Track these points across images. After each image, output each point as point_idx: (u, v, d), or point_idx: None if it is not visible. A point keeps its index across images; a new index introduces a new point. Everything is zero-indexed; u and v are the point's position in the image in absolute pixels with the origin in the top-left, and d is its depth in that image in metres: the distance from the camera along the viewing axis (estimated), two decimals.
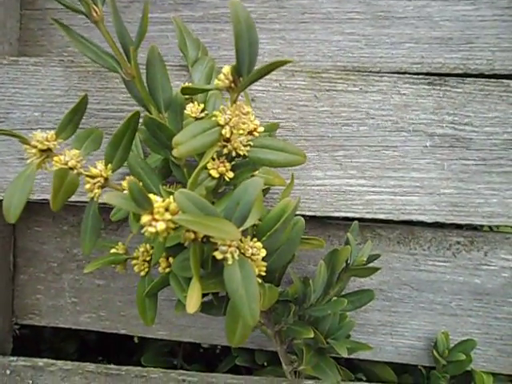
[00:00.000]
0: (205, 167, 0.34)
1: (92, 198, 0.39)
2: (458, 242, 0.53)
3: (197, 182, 0.34)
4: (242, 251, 0.34)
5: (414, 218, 0.50)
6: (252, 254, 0.35)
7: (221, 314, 0.44)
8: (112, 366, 0.52)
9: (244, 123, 0.35)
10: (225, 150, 0.36)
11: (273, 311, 0.47)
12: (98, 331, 0.59)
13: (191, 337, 0.57)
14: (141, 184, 0.40)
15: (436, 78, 0.50)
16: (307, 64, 0.54)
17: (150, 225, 0.29)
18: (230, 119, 0.34)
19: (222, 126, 0.34)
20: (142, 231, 0.30)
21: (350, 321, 0.45)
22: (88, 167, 0.38)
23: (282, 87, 0.51)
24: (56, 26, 0.58)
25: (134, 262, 0.42)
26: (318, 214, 0.51)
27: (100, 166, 0.39)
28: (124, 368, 0.52)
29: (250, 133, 0.36)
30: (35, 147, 0.37)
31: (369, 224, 0.54)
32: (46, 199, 0.52)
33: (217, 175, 0.37)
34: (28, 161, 0.37)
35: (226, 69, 0.33)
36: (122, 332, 0.58)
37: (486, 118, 0.50)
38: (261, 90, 0.51)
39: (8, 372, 0.52)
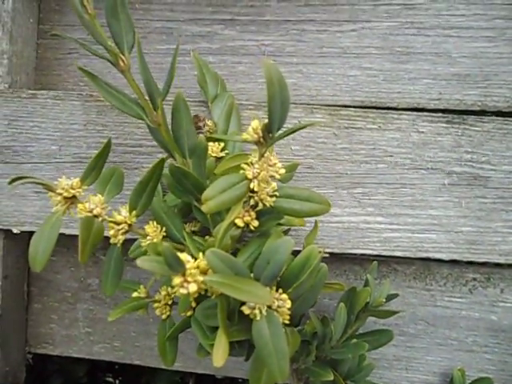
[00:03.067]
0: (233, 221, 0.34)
1: (115, 244, 0.39)
2: (475, 279, 0.53)
3: (225, 238, 0.34)
4: (269, 304, 0.34)
5: (431, 255, 0.50)
6: (278, 307, 0.35)
7: (241, 356, 0.44)
8: None
9: (271, 176, 0.35)
10: (251, 202, 0.36)
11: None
12: None
13: (206, 369, 0.57)
14: (163, 229, 0.40)
15: (455, 116, 0.50)
16: (324, 98, 0.54)
17: (182, 286, 0.29)
18: (259, 173, 0.34)
19: (250, 180, 0.34)
20: (173, 291, 0.30)
21: (370, 363, 0.45)
22: (111, 212, 0.39)
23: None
24: (72, 55, 0.58)
25: (156, 305, 0.42)
26: (336, 250, 0.51)
27: (124, 212, 0.39)
28: None
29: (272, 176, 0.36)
30: (60, 195, 0.37)
31: (385, 259, 0.54)
32: (61, 233, 0.52)
33: (242, 224, 0.37)
34: (53, 209, 0.37)
35: (255, 123, 0.33)
36: (136, 363, 0.58)
37: (504, 156, 0.50)
38: None
39: None
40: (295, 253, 0.35)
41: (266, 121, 0.32)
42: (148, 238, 0.40)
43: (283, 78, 0.30)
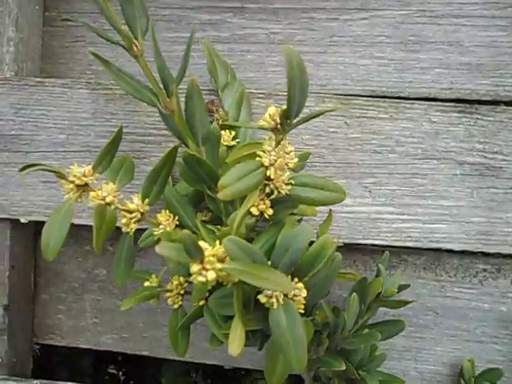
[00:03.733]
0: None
1: (128, 233, 0.39)
2: (485, 270, 0.53)
3: (241, 225, 0.33)
4: (289, 292, 0.34)
5: (441, 245, 0.50)
6: (294, 295, 0.34)
7: (254, 346, 0.44)
8: None
9: (287, 163, 0.34)
10: (267, 189, 0.35)
11: None
12: None
13: (215, 359, 0.57)
14: (176, 217, 0.40)
15: (467, 105, 0.50)
16: (335, 88, 0.54)
17: (200, 274, 0.29)
18: (275, 161, 0.33)
19: (267, 168, 0.33)
20: (191, 279, 0.30)
21: (382, 353, 0.45)
22: (124, 201, 0.38)
23: None
24: (79, 43, 0.57)
25: (168, 294, 0.42)
26: (347, 241, 0.50)
27: (137, 200, 0.38)
28: None
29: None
30: (72, 182, 0.36)
31: (395, 250, 0.54)
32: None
33: (257, 213, 0.36)
34: (65, 196, 0.36)
35: (272, 110, 0.33)
36: (145, 353, 0.58)
37: None
38: None
39: None
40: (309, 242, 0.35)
41: (284, 107, 0.32)
42: (161, 226, 0.39)
43: (303, 63, 0.30)
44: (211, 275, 0.29)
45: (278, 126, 0.33)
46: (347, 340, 0.44)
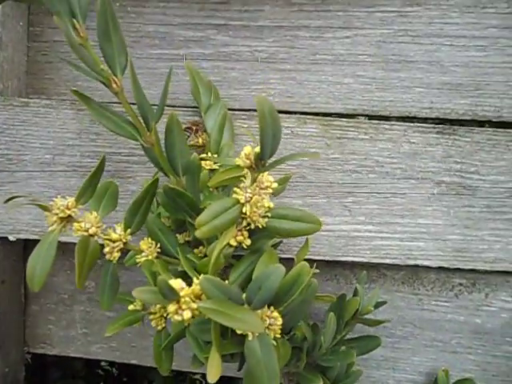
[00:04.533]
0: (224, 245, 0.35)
1: (111, 261, 0.40)
2: (461, 284, 0.55)
3: (219, 258, 0.35)
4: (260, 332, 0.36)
5: (419, 262, 0.52)
6: (270, 325, 0.36)
7: (234, 362, 0.46)
8: None
9: (263, 198, 0.35)
10: (244, 223, 0.36)
11: None
12: None
13: (200, 368, 0.59)
14: (158, 245, 0.41)
15: (445, 126, 0.51)
16: (317, 106, 0.55)
17: (177, 313, 0.30)
18: (251, 198, 0.35)
19: (243, 204, 0.35)
20: (169, 317, 0.31)
21: (358, 370, 0.47)
22: (107, 229, 0.39)
23: (294, 134, 0.51)
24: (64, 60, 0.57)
25: (152, 317, 0.44)
26: (327, 258, 0.52)
27: (119, 229, 0.39)
28: None
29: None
30: (56, 215, 0.37)
31: (374, 264, 0.55)
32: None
33: (235, 243, 0.38)
34: (49, 228, 0.37)
35: (248, 149, 0.34)
36: (133, 362, 0.60)
37: (493, 166, 0.51)
38: None
39: None
40: (286, 262, 0.36)
41: (258, 149, 0.33)
42: (143, 254, 0.41)
43: (275, 111, 0.30)
44: (187, 315, 0.30)
45: (253, 165, 0.34)
46: (324, 357, 0.45)
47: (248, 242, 0.38)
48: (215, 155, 0.47)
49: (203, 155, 0.47)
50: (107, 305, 0.41)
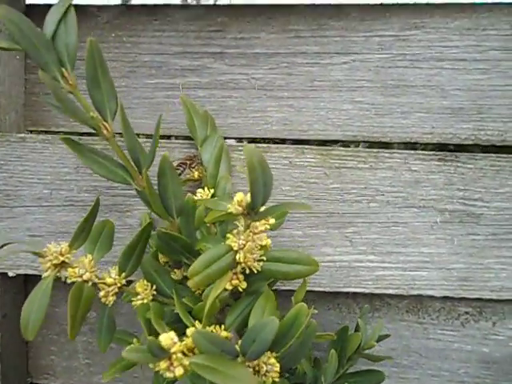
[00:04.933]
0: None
1: (107, 304, 0.40)
2: (467, 312, 0.54)
3: (214, 305, 0.34)
4: (257, 368, 0.35)
5: (423, 292, 0.51)
6: (267, 371, 0.35)
7: None
8: None
9: (257, 246, 0.35)
10: (238, 268, 0.36)
11: None
12: None
13: None
14: (154, 287, 0.40)
15: (447, 153, 0.50)
16: (316, 133, 0.54)
17: (169, 370, 0.30)
18: (244, 245, 0.34)
19: (236, 251, 0.34)
20: (161, 372, 0.31)
21: None
22: (101, 273, 0.39)
23: (292, 165, 0.50)
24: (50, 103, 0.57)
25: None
26: (328, 289, 0.51)
27: (114, 273, 0.39)
28: None
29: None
30: (50, 261, 0.37)
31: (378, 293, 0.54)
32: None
33: (231, 287, 0.37)
34: (44, 274, 0.37)
35: (240, 196, 0.33)
36: None
37: (497, 193, 0.50)
38: (271, 167, 0.50)
39: None
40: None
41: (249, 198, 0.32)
42: (139, 297, 0.40)
43: (264, 160, 0.30)
44: (179, 371, 0.30)
45: (245, 212, 0.33)
46: None
47: (244, 285, 0.37)
48: (212, 189, 0.47)
49: (200, 190, 0.46)
50: (104, 347, 0.41)
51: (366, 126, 0.53)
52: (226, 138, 0.53)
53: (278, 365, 0.36)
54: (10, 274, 0.53)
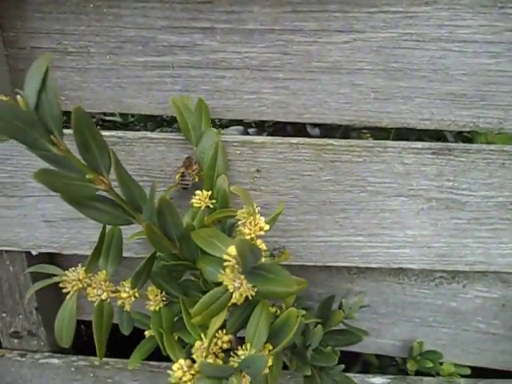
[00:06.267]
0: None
1: (124, 309, 0.46)
2: (442, 277, 0.60)
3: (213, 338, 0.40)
4: None
5: (403, 266, 0.57)
6: None
7: None
8: (153, 362, 0.66)
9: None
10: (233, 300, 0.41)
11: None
12: None
13: None
14: (163, 292, 0.46)
15: (442, 146, 0.50)
16: (312, 117, 0.53)
17: None
18: (239, 287, 0.38)
19: (232, 292, 0.39)
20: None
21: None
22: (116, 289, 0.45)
23: (287, 159, 0.51)
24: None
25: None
26: (319, 264, 0.57)
27: (127, 288, 0.45)
28: (163, 365, 0.66)
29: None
30: (72, 288, 0.42)
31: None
32: None
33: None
34: (67, 297, 0.43)
35: (231, 250, 0.36)
36: None
37: (485, 183, 0.52)
38: (267, 161, 0.52)
39: (72, 369, 0.67)
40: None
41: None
42: (150, 303, 0.46)
43: (251, 244, 0.32)
44: None
45: (237, 265, 0.37)
46: (312, 358, 0.54)
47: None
48: (209, 191, 0.49)
49: (197, 192, 0.49)
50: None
51: (363, 111, 0.52)
52: (220, 123, 0.53)
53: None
54: (34, 252, 0.58)
